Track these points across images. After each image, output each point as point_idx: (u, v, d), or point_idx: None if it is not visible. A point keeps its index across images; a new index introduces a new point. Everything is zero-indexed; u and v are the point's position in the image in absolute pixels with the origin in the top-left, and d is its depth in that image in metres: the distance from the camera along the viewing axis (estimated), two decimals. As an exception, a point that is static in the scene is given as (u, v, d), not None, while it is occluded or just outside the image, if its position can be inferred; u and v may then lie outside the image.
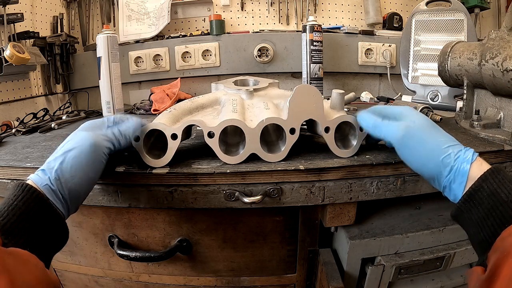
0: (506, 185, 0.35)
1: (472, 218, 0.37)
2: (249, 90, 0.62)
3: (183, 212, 0.57)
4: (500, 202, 0.35)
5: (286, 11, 1.23)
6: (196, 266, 0.61)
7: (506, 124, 0.61)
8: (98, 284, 0.65)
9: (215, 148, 0.49)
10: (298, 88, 0.49)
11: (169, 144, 0.49)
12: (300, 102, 0.49)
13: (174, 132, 0.49)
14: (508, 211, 0.34)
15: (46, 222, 0.37)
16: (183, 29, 1.25)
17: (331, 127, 0.51)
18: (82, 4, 1.24)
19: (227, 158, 0.50)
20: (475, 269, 0.34)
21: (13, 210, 0.34)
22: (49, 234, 0.37)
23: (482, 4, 1.12)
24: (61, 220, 0.39)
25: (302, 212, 0.57)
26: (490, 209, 0.35)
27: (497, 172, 0.37)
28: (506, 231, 0.33)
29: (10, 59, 0.86)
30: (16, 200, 0.35)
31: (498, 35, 0.59)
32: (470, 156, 0.39)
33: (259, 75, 1.20)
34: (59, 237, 0.39)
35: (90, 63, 1.19)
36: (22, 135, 0.78)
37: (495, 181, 0.36)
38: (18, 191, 0.36)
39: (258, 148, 0.50)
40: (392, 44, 1.18)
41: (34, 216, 0.35)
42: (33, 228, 0.35)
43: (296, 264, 0.62)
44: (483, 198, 0.36)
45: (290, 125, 0.50)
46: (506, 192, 0.35)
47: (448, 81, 0.75)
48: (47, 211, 0.37)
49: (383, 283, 0.57)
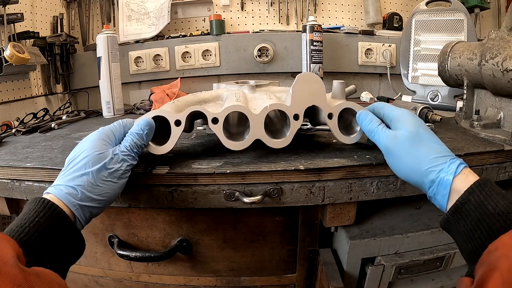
0: (493, 197, 0.35)
1: (460, 230, 0.37)
2: (251, 85, 0.62)
3: (183, 212, 0.57)
4: (487, 214, 0.34)
5: (286, 11, 1.23)
6: (196, 266, 0.61)
7: (506, 124, 0.61)
8: (98, 284, 0.65)
9: (219, 133, 0.49)
10: (300, 75, 0.49)
11: (172, 130, 0.49)
12: (302, 89, 0.50)
13: (178, 118, 0.49)
14: (495, 223, 0.33)
15: (66, 238, 0.37)
16: (183, 29, 1.25)
17: (334, 113, 0.51)
18: (82, 4, 1.25)
19: (231, 144, 0.50)
20: (464, 279, 0.34)
21: (34, 226, 0.34)
22: (68, 248, 0.37)
23: (482, 4, 1.12)
24: (79, 235, 0.39)
25: (302, 212, 0.57)
26: (477, 221, 0.35)
27: (484, 185, 0.36)
28: (492, 244, 0.32)
29: (10, 59, 0.86)
30: (37, 217, 0.35)
31: (498, 35, 0.59)
32: (453, 169, 0.39)
33: (259, 75, 1.20)
34: (77, 250, 0.39)
35: (90, 63, 1.19)
36: (22, 135, 0.78)
37: (481, 193, 0.36)
38: (39, 207, 0.36)
39: (262, 134, 0.50)
40: (392, 44, 1.18)
41: (54, 233, 0.35)
42: (53, 244, 0.35)
43: (296, 264, 0.62)
44: (470, 211, 0.36)
45: (294, 111, 0.50)
46: (493, 205, 0.34)
47: (448, 81, 0.75)
48: (67, 227, 0.37)
49: (383, 283, 0.57)
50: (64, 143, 0.67)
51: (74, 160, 0.42)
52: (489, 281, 0.29)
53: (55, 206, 0.36)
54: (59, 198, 0.38)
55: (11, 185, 0.54)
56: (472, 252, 0.35)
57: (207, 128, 0.69)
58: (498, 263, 0.30)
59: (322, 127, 0.70)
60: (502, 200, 0.35)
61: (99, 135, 0.45)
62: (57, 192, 0.38)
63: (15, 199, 0.57)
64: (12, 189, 0.54)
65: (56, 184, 0.40)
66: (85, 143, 0.44)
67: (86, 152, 0.42)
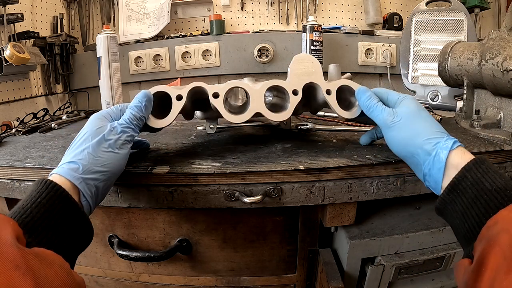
0: (490, 174, 0.35)
1: (456, 209, 0.36)
2: (251, 78, 0.64)
3: (183, 212, 0.57)
4: (484, 191, 0.34)
5: (286, 11, 1.23)
6: (196, 266, 0.61)
7: (506, 124, 0.61)
8: (98, 284, 0.65)
9: (220, 107, 0.50)
10: (296, 56, 0.52)
11: (174, 104, 0.50)
12: (299, 67, 0.51)
13: (180, 93, 0.49)
14: (493, 199, 0.33)
15: (70, 221, 0.35)
16: (183, 29, 1.25)
17: (332, 89, 0.52)
18: (82, 4, 1.24)
19: (232, 117, 0.50)
20: (462, 261, 0.33)
21: (36, 207, 0.33)
22: (73, 233, 0.36)
23: (482, 4, 1.12)
24: (85, 219, 0.38)
25: (302, 212, 0.57)
26: (474, 198, 0.34)
27: (481, 162, 0.36)
28: (491, 219, 0.32)
29: (10, 59, 0.86)
30: (39, 197, 0.34)
31: (498, 35, 0.59)
32: (450, 144, 0.39)
33: (259, 75, 1.20)
34: (84, 237, 0.38)
35: (90, 63, 1.19)
36: (22, 135, 0.78)
37: (479, 170, 0.35)
38: (42, 187, 0.35)
39: (262, 108, 0.51)
40: (392, 44, 1.18)
41: (58, 214, 0.34)
42: (57, 226, 0.34)
43: (296, 264, 0.62)
44: (467, 188, 0.35)
45: (292, 87, 0.52)
46: (490, 181, 0.34)
47: (448, 81, 0.75)
48: (72, 209, 0.36)
49: (383, 283, 0.57)
50: (64, 143, 0.67)
51: (75, 139, 0.43)
52: (489, 257, 0.29)
53: (58, 186, 0.35)
54: (62, 175, 0.37)
55: (11, 185, 0.54)
56: (469, 231, 0.34)
57: (207, 128, 0.69)
58: (498, 238, 0.29)
59: (323, 126, 0.70)
60: (499, 177, 0.34)
61: (98, 115, 0.46)
62: (60, 171, 0.38)
63: (15, 199, 0.57)
64: (12, 189, 0.54)
65: (59, 165, 0.40)
66: (86, 125, 0.45)
67: (86, 129, 0.43)
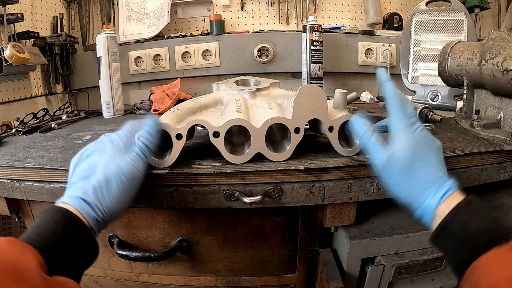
0: (478, 216, 0.37)
1: (447, 247, 0.39)
2: (251, 90, 0.62)
3: (183, 212, 0.57)
4: (472, 233, 0.36)
5: (286, 11, 1.23)
6: (196, 266, 0.61)
7: (506, 124, 0.61)
8: (98, 284, 0.65)
9: (220, 148, 0.49)
10: (302, 88, 0.49)
11: (174, 144, 0.49)
12: (304, 102, 0.49)
13: (179, 132, 0.49)
14: (479, 241, 0.35)
15: (83, 246, 0.38)
16: (183, 29, 1.25)
17: (335, 126, 0.51)
18: (82, 4, 1.24)
19: (233, 158, 0.50)
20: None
21: (53, 235, 0.35)
22: (84, 255, 0.38)
23: (482, 4, 1.12)
24: (95, 242, 0.39)
25: (302, 212, 0.57)
26: (463, 239, 0.36)
27: (468, 205, 0.38)
28: (476, 262, 0.33)
29: (10, 59, 0.86)
30: (57, 226, 0.35)
31: (498, 35, 0.59)
32: (440, 195, 0.40)
33: (259, 75, 1.20)
34: (92, 256, 0.40)
35: (90, 63, 1.19)
36: (22, 135, 0.78)
37: (466, 213, 0.37)
38: (57, 216, 0.36)
39: (263, 148, 0.50)
40: (392, 44, 1.18)
41: (72, 241, 0.36)
42: (72, 252, 0.36)
43: (296, 264, 0.62)
44: (455, 230, 0.37)
45: (295, 124, 0.50)
46: (476, 224, 0.36)
47: (448, 81, 0.75)
48: (85, 236, 0.38)
49: (383, 283, 0.57)
50: (64, 143, 0.67)
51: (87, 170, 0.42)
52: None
53: (73, 215, 0.37)
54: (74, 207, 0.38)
55: (11, 185, 0.54)
56: (459, 268, 0.36)
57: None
58: (480, 280, 0.31)
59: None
60: (486, 219, 0.36)
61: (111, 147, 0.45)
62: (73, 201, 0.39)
63: (15, 199, 0.57)
64: (12, 189, 0.54)
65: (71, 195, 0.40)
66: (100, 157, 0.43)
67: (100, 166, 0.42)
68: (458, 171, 0.53)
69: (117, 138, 0.46)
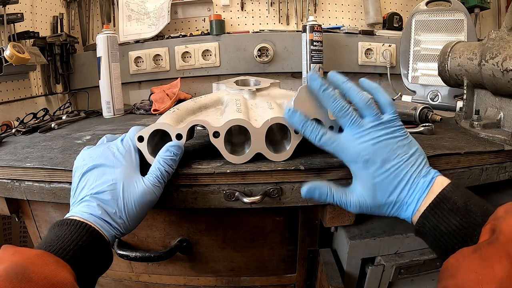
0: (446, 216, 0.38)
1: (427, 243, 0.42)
2: (251, 90, 0.62)
3: (183, 212, 0.57)
4: (441, 235, 0.38)
5: (286, 11, 1.23)
6: (196, 266, 0.61)
7: (506, 124, 0.61)
8: (98, 284, 0.65)
9: (220, 148, 0.49)
10: (302, 88, 0.49)
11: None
12: (304, 102, 0.49)
13: (179, 132, 0.49)
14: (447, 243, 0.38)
15: (103, 259, 0.40)
16: (183, 29, 1.25)
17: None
18: (82, 4, 1.25)
19: (233, 158, 0.50)
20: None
21: (78, 249, 0.36)
22: (103, 266, 0.41)
23: (482, 4, 1.12)
24: (112, 254, 0.42)
25: (302, 212, 0.57)
26: (434, 241, 0.39)
27: (437, 205, 0.39)
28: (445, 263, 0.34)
29: (10, 59, 0.86)
30: (81, 240, 0.37)
31: (498, 35, 0.59)
32: (414, 205, 0.41)
33: (259, 75, 1.20)
34: (107, 266, 0.42)
35: (90, 63, 1.19)
36: (22, 135, 0.78)
37: (435, 216, 0.39)
38: (81, 231, 0.38)
39: (263, 148, 0.50)
40: (392, 44, 1.18)
41: (96, 256, 0.39)
42: (93, 263, 0.38)
43: (296, 264, 0.62)
44: (426, 233, 0.40)
45: None
46: (446, 224, 0.38)
47: (448, 81, 0.75)
48: (106, 250, 0.40)
49: (383, 283, 0.57)
50: (64, 143, 0.67)
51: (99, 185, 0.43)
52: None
53: (96, 231, 0.39)
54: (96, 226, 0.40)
55: (11, 185, 0.54)
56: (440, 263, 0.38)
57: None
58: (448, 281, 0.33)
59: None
60: (454, 218, 0.38)
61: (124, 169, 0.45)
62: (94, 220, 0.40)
63: (15, 199, 0.57)
64: (12, 189, 0.54)
65: (88, 212, 0.41)
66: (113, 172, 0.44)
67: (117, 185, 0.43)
68: (458, 171, 0.53)
69: (124, 151, 0.46)
